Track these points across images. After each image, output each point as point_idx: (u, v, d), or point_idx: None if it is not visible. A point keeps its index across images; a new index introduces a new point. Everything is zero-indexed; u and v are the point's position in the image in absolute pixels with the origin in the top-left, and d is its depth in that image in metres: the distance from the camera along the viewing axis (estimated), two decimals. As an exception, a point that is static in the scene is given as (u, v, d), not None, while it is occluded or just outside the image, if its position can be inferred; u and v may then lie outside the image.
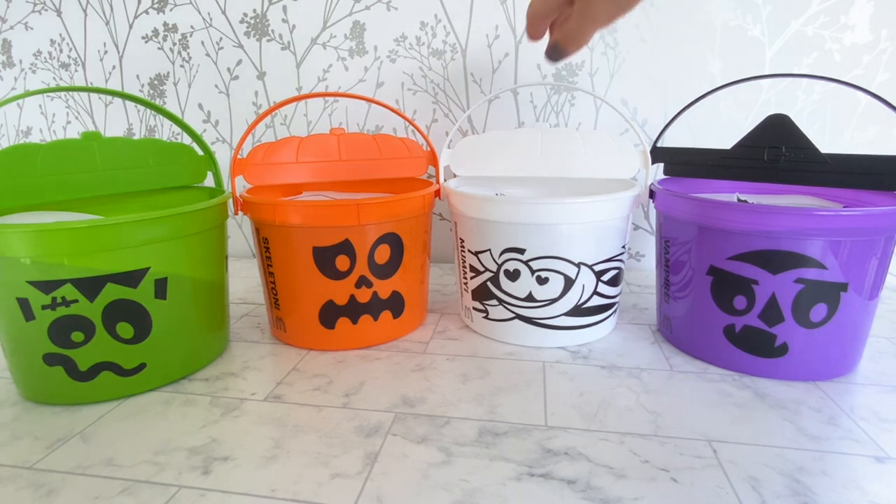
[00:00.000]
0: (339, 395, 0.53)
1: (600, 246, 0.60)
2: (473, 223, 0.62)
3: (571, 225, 0.57)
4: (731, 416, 0.48)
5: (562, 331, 0.62)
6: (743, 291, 0.53)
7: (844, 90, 0.83)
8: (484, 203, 0.60)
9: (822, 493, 0.38)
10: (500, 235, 0.60)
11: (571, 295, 0.60)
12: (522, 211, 0.57)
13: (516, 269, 0.60)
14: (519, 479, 0.40)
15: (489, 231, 0.61)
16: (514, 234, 0.59)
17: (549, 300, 0.61)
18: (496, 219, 0.59)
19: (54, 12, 1.06)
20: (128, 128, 1.09)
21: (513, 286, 0.61)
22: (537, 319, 0.62)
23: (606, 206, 0.58)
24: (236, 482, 0.40)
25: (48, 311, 0.48)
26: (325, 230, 0.58)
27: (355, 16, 0.93)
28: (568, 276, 0.59)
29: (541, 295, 0.61)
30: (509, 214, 0.58)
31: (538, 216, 0.57)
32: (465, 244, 0.65)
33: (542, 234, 0.58)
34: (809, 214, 0.48)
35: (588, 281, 0.60)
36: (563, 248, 0.58)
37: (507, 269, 0.61)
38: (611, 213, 0.59)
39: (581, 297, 0.61)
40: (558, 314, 0.61)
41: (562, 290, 0.60)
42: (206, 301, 0.58)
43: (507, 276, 0.61)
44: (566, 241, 0.58)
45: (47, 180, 0.55)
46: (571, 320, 0.62)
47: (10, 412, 0.51)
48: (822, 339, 0.52)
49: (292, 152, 0.70)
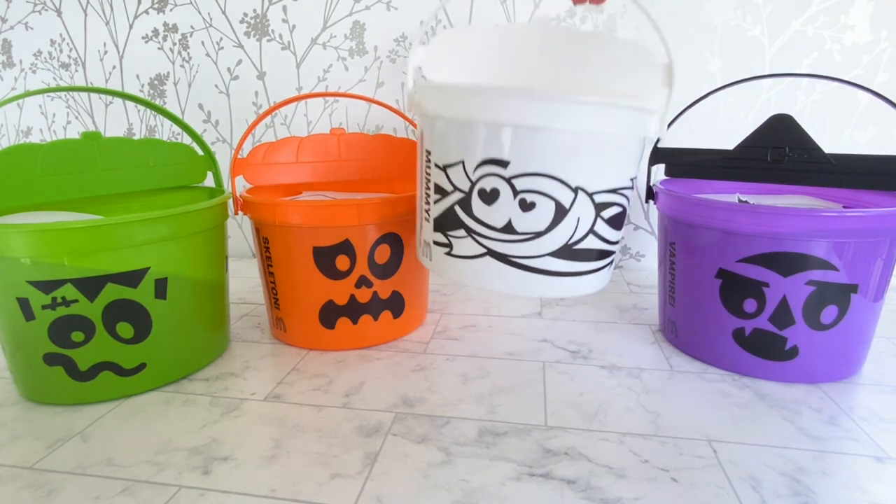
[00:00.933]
0: (339, 395, 0.53)
1: (605, 169, 0.47)
2: (444, 127, 0.49)
3: (573, 134, 0.44)
4: (731, 416, 0.48)
5: (543, 276, 0.49)
6: (753, 294, 0.53)
7: (844, 90, 0.83)
8: (459, 95, 0.47)
9: (822, 493, 0.38)
10: (477, 142, 0.47)
11: (562, 229, 0.48)
12: (509, 106, 0.44)
13: (494, 189, 0.47)
14: (519, 479, 0.40)
15: (464, 136, 0.47)
16: (495, 141, 0.46)
17: (532, 233, 0.48)
18: (474, 117, 0.46)
19: (54, 12, 1.06)
20: (128, 128, 1.09)
21: (488, 211, 0.48)
22: (515, 258, 0.49)
23: (620, 116, 0.46)
24: (236, 482, 0.40)
25: (48, 310, 0.48)
26: (325, 230, 0.58)
27: (355, 16, 0.93)
28: (560, 204, 0.47)
29: (523, 225, 0.47)
30: (491, 111, 0.45)
31: (530, 115, 0.44)
32: (432, 156, 0.51)
33: (533, 143, 0.45)
34: (829, 216, 0.48)
35: (585, 213, 0.48)
36: (558, 165, 0.46)
37: (482, 187, 0.48)
38: (624, 127, 0.46)
39: (574, 233, 0.48)
40: (542, 253, 0.48)
41: (551, 220, 0.47)
42: (206, 301, 0.58)
43: (483, 197, 0.48)
44: (564, 154, 0.45)
45: (47, 180, 0.55)
46: (558, 264, 0.49)
47: (10, 412, 0.50)
48: (832, 342, 0.52)
49: (292, 152, 0.71)
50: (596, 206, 0.48)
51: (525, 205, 0.47)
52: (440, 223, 0.52)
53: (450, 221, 0.51)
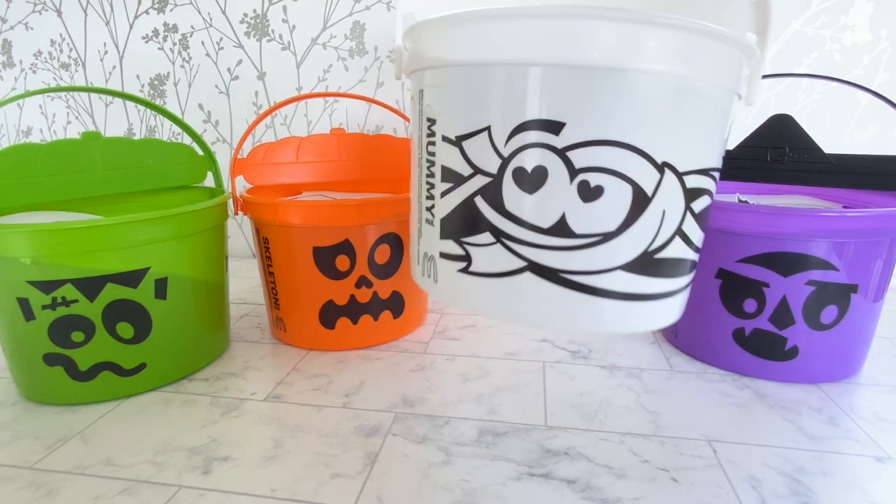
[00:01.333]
0: (339, 395, 0.53)
1: (700, 137, 0.33)
2: (456, 78, 0.34)
3: (665, 79, 0.30)
4: (731, 416, 0.48)
5: (613, 301, 0.34)
6: (753, 294, 0.53)
7: (844, 90, 0.83)
8: (480, 25, 0.32)
9: (822, 493, 0.38)
10: (511, 95, 0.32)
11: (642, 228, 0.33)
12: (563, 34, 0.30)
13: (540, 168, 0.32)
14: (519, 479, 0.40)
15: (490, 88, 0.33)
16: (541, 92, 0.31)
17: (598, 235, 0.32)
18: (508, 58, 0.31)
19: (54, 12, 1.06)
20: (128, 128, 1.09)
21: (530, 203, 0.33)
22: (570, 273, 0.33)
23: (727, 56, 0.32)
24: (236, 482, 0.40)
25: (48, 311, 0.48)
26: (325, 230, 0.58)
27: (355, 16, 0.93)
28: (640, 189, 0.32)
29: (584, 223, 0.32)
30: (534, 44, 0.30)
31: (599, 47, 0.29)
32: (437, 127, 0.37)
33: (604, 93, 0.30)
34: (829, 216, 0.48)
35: (673, 204, 0.33)
36: (640, 128, 0.31)
37: (520, 166, 0.33)
38: (726, 75, 0.33)
39: (657, 234, 0.33)
40: (613, 266, 0.33)
41: (626, 214, 0.32)
42: (206, 301, 0.58)
43: (522, 180, 0.33)
44: (650, 112, 0.31)
45: (47, 180, 0.55)
46: (634, 281, 0.34)
47: (10, 412, 0.50)
48: (832, 342, 0.52)
49: (292, 152, 0.71)
50: (686, 192, 0.34)
51: (588, 190, 0.32)
52: (451, 226, 0.37)
53: (467, 222, 0.36)
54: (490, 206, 0.34)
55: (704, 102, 0.32)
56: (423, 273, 0.42)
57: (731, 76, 0.33)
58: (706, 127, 0.33)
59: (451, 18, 0.34)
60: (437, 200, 0.38)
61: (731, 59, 0.33)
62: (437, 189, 0.38)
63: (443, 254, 0.38)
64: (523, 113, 0.32)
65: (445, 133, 0.36)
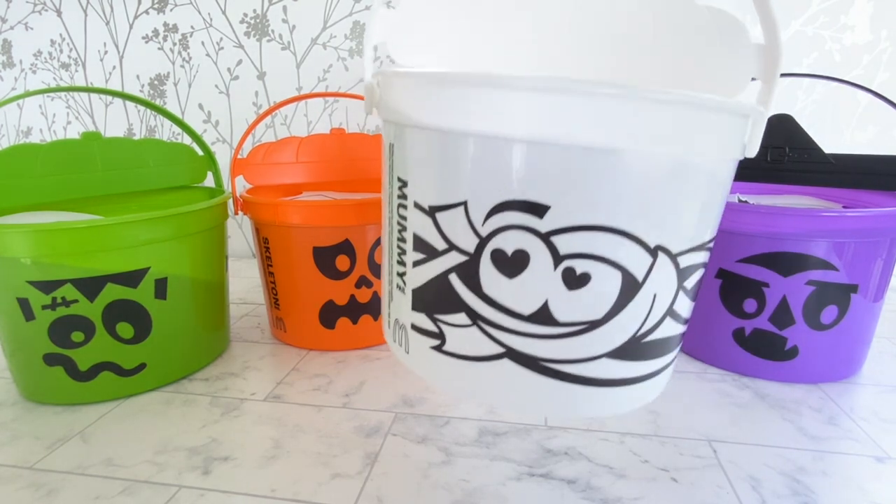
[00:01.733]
0: (339, 395, 0.53)
1: (696, 214, 0.30)
2: (431, 142, 0.30)
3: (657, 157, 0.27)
4: (731, 416, 0.48)
5: (595, 388, 0.32)
6: (753, 294, 0.53)
7: (844, 90, 0.83)
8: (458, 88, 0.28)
9: (822, 493, 0.38)
10: (492, 171, 0.29)
11: (631, 314, 0.31)
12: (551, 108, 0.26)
13: (521, 252, 0.29)
14: (519, 478, 0.40)
15: (468, 160, 0.29)
16: (525, 170, 0.28)
17: (584, 324, 0.30)
18: (489, 130, 0.28)
19: (54, 12, 1.06)
20: (128, 128, 1.09)
21: (509, 288, 0.30)
22: (551, 362, 0.31)
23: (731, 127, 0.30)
24: (236, 482, 0.40)
25: (48, 311, 0.48)
26: (325, 230, 0.58)
27: (355, 16, 0.93)
28: (629, 275, 0.30)
29: (569, 311, 0.30)
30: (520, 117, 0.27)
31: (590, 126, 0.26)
32: (409, 190, 0.33)
33: (593, 174, 0.27)
34: (829, 216, 0.48)
35: (665, 286, 0.31)
36: (631, 210, 0.28)
37: (500, 248, 0.30)
38: (728, 144, 0.30)
39: (646, 319, 0.31)
40: (597, 354, 0.31)
41: (614, 302, 0.30)
42: (206, 301, 0.58)
43: (501, 263, 0.30)
44: (642, 193, 0.28)
45: (47, 180, 0.55)
46: (618, 367, 0.32)
47: (10, 412, 0.50)
48: (832, 342, 0.52)
49: (292, 152, 0.71)
50: (679, 272, 0.31)
51: (573, 278, 0.29)
52: (424, 299, 0.33)
53: (441, 299, 0.32)
54: (466, 286, 0.31)
55: (704, 177, 0.30)
56: (393, 339, 0.38)
57: (735, 145, 0.31)
58: (705, 202, 0.31)
59: (427, 77, 0.29)
60: (409, 269, 0.34)
61: (734, 128, 0.30)
62: (408, 257, 0.34)
63: (415, 326, 0.34)
64: (504, 192, 0.28)
65: (418, 200, 0.32)
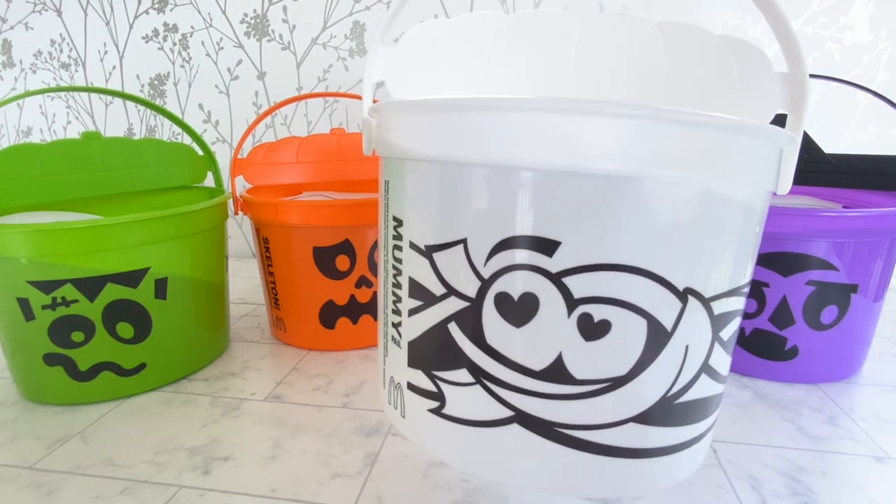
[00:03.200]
0: (339, 395, 0.53)
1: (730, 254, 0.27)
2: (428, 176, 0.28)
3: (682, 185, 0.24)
4: (731, 416, 0.48)
5: (621, 460, 0.27)
6: (753, 294, 0.53)
7: (844, 90, 0.83)
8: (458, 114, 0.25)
9: (822, 493, 0.38)
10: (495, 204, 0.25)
11: (660, 369, 0.26)
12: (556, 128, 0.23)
13: (529, 295, 0.26)
14: (519, 479, 0.40)
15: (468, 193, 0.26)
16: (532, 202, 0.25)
17: (605, 381, 0.26)
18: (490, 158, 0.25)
19: (54, 12, 1.06)
20: (128, 128, 1.09)
21: (518, 338, 0.26)
22: (567, 428, 0.27)
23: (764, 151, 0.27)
24: (236, 482, 0.40)
25: (48, 311, 0.48)
26: (325, 230, 0.58)
27: (355, 16, 0.93)
28: (657, 322, 0.26)
29: (586, 366, 0.26)
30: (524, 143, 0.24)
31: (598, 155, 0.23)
32: (405, 230, 0.30)
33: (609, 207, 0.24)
34: (829, 216, 0.48)
35: (698, 337, 0.27)
36: (654, 249, 0.25)
37: (504, 291, 0.26)
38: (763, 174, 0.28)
39: (678, 375, 0.27)
40: (622, 418, 0.27)
41: (640, 355, 0.26)
42: (206, 301, 0.58)
43: (506, 309, 0.26)
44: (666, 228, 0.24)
45: (47, 180, 0.55)
46: (649, 434, 0.27)
47: (10, 412, 0.50)
48: (832, 342, 0.52)
49: (292, 152, 0.71)
50: (713, 320, 0.27)
51: (591, 326, 0.25)
52: (421, 353, 0.30)
53: (440, 353, 0.29)
54: (467, 337, 0.27)
55: (735, 210, 0.26)
56: (388, 400, 0.34)
57: (767, 174, 0.28)
58: (738, 239, 0.27)
59: (421, 105, 0.27)
60: (405, 318, 0.30)
61: (766, 155, 0.27)
62: (404, 304, 0.30)
63: (411, 385, 0.31)
64: (507, 227, 0.25)
65: (413, 240, 0.29)
